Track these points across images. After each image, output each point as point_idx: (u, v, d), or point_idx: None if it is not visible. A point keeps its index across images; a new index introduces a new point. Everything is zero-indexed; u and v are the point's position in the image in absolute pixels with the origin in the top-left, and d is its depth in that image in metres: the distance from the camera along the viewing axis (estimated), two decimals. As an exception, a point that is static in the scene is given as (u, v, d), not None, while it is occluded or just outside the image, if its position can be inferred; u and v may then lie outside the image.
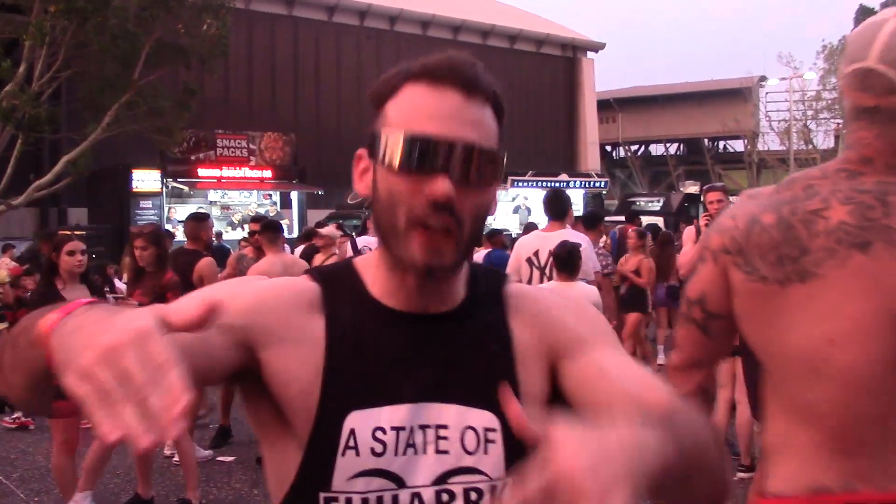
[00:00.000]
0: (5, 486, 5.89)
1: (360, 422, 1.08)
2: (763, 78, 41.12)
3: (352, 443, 1.08)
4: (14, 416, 7.39)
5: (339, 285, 1.18)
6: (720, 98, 42.34)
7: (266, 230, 6.73)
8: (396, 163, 1.06)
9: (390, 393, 1.10)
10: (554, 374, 1.17)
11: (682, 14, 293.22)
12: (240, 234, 18.02)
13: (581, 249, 5.39)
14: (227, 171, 24.51)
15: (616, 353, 1.17)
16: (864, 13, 31.85)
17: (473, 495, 1.11)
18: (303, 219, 24.77)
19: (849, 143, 1.61)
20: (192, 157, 23.75)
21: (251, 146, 25.14)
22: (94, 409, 0.70)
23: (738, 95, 40.18)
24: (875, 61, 1.53)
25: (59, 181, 13.99)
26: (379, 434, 1.08)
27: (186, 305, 0.80)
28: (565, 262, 5.27)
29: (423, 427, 1.10)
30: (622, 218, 15.49)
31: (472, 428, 1.11)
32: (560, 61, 33.55)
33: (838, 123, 33.63)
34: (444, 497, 1.10)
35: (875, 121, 1.55)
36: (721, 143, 47.82)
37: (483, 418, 1.12)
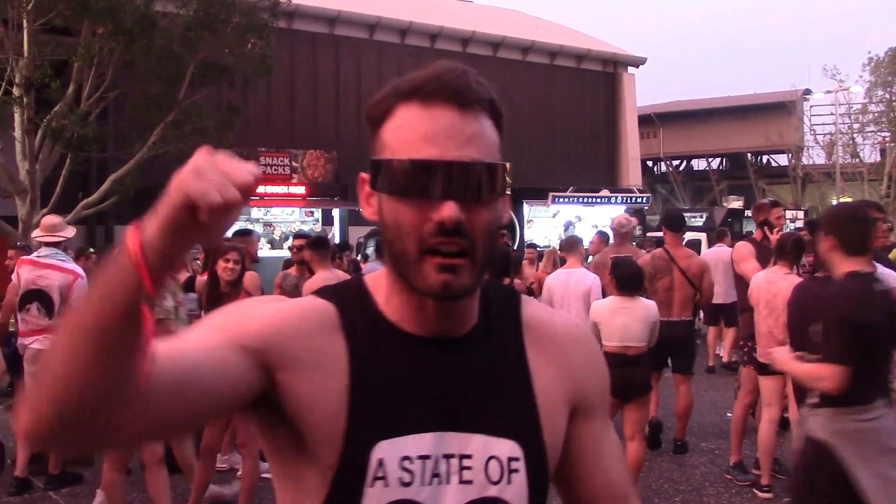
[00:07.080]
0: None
1: (388, 451, 1.06)
2: (807, 91, 40.54)
3: (380, 473, 1.06)
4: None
5: (353, 307, 1.14)
6: (763, 112, 41.79)
7: (314, 246, 6.57)
8: (398, 191, 1.03)
9: (414, 421, 1.08)
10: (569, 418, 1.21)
11: (724, 28, 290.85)
12: (280, 252, 18.16)
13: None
14: (270, 188, 24.80)
15: (609, 430, 1.28)
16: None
17: None
18: (344, 235, 24.94)
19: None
20: (236, 175, 24.01)
21: (293, 164, 25.41)
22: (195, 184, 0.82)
23: (781, 109, 39.62)
24: None
25: (106, 199, 14.24)
26: (406, 463, 1.07)
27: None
28: (631, 280, 5.34)
29: (448, 456, 1.08)
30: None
31: (496, 458, 1.10)
32: (601, 76, 33.41)
33: (885, 137, 32.98)
34: None
35: None
36: (765, 158, 47.17)
37: (506, 448, 1.10)
